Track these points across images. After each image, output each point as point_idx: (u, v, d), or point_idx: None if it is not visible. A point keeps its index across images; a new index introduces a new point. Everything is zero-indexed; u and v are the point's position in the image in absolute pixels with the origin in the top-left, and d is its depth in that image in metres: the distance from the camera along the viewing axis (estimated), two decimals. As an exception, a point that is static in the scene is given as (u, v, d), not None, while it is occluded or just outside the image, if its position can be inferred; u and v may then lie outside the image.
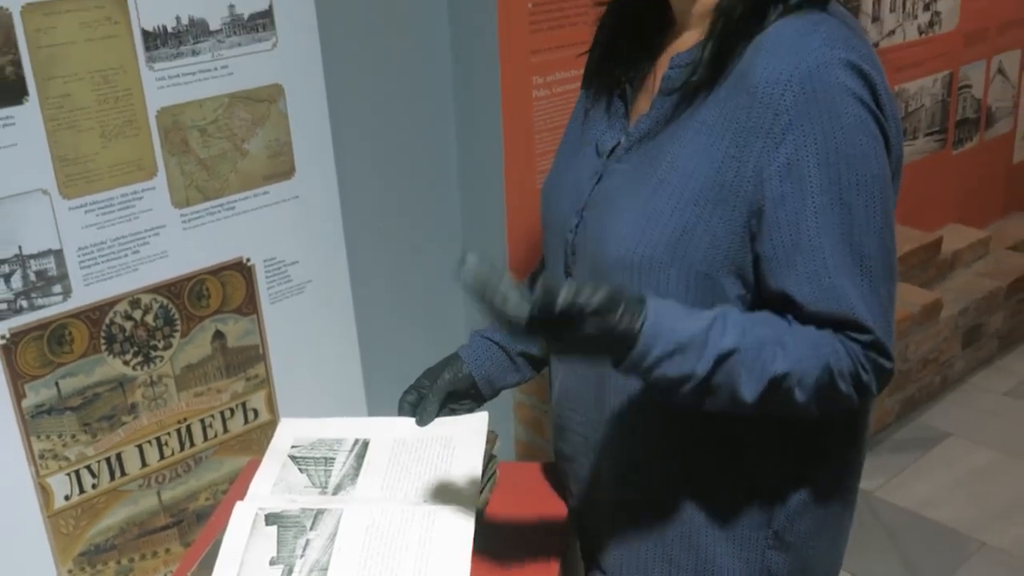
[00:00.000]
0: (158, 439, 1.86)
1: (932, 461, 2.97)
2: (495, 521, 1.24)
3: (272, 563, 1.16)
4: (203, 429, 1.92)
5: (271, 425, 1.99)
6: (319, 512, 1.22)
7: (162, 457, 1.87)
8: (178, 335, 1.84)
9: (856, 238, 0.98)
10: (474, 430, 1.31)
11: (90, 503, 1.79)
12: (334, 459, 1.32)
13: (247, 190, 1.87)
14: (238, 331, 1.92)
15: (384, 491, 1.25)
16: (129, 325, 1.77)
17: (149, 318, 1.80)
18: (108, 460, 1.79)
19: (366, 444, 1.33)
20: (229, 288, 1.89)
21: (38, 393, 1.68)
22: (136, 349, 1.79)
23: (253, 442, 1.99)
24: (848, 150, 0.97)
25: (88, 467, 1.77)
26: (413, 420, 1.32)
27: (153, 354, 1.81)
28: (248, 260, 1.91)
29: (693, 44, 1.07)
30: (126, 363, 1.78)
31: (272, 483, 1.29)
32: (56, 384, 1.70)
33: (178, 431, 1.88)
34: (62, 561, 1.78)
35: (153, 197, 1.75)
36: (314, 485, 1.28)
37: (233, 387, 1.94)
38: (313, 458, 1.32)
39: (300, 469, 1.31)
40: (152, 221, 1.76)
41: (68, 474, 1.75)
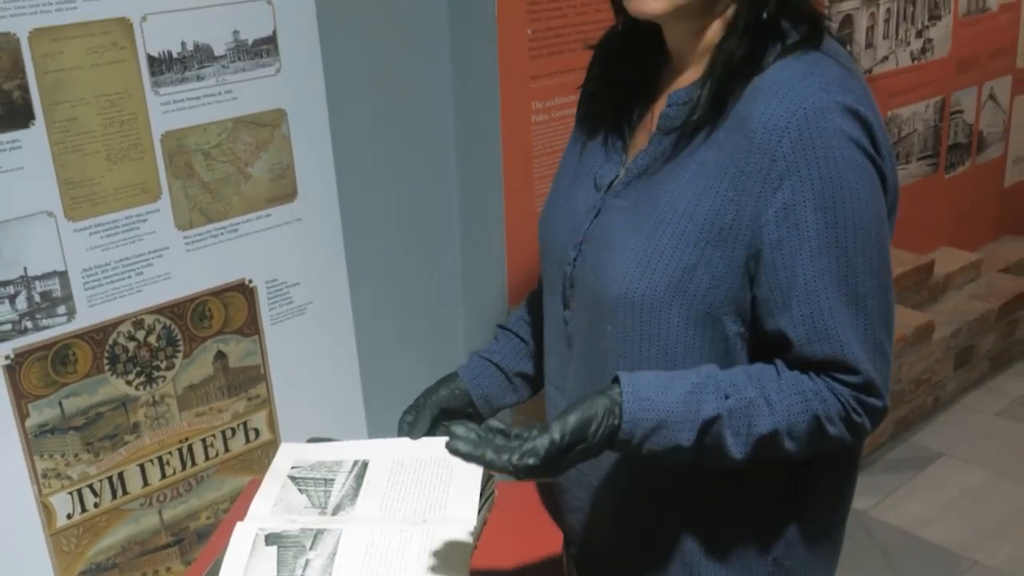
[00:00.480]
0: (160, 458, 1.87)
1: (925, 481, 2.98)
2: (493, 541, 1.25)
3: (273, 582, 1.18)
4: (204, 448, 1.93)
5: (272, 445, 2.01)
6: (319, 532, 1.23)
7: (163, 476, 1.88)
8: (180, 355, 1.86)
9: (852, 279, 0.99)
10: (472, 451, 1.32)
11: (92, 522, 1.80)
12: (333, 479, 1.33)
13: (250, 213, 1.89)
14: (240, 352, 1.94)
15: (383, 511, 1.26)
16: (132, 346, 1.79)
17: (152, 339, 1.82)
18: (110, 479, 1.81)
19: (365, 465, 1.34)
20: (231, 309, 1.91)
21: (41, 413, 1.70)
22: (139, 369, 1.81)
23: (254, 461, 2.01)
24: (844, 193, 0.98)
25: (90, 486, 1.78)
26: (410, 440, 1.34)
27: (156, 374, 1.83)
28: (250, 282, 1.93)
29: (691, 82, 1.08)
30: (129, 383, 1.80)
31: (272, 503, 1.30)
32: (59, 404, 1.72)
33: (179, 450, 1.90)
34: (63, 579, 1.79)
35: (157, 219, 1.77)
36: (314, 505, 1.29)
37: (234, 407, 1.96)
38: (313, 479, 1.34)
39: (300, 489, 1.32)
40: (156, 243, 1.78)
41: (70, 493, 1.76)
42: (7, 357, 1.65)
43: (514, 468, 0.96)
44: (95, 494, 1.79)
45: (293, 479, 1.34)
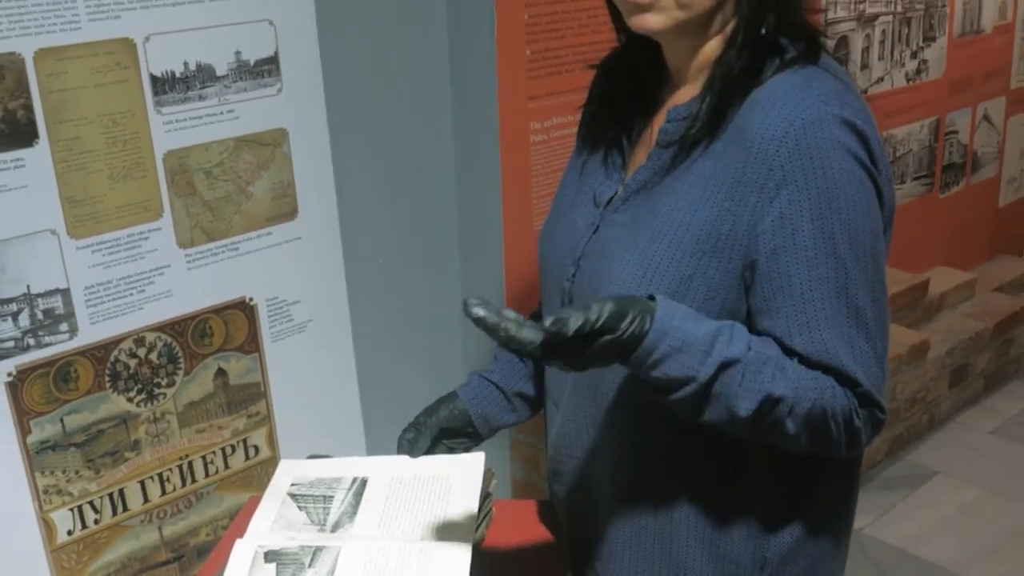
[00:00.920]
0: (160, 475, 1.88)
1: (920, 499, 2.99)
2: (491, 558, 1.26)
3: (273, 599, 1.18)
4: (204, 465, 1.94)
5: (272, 461, 2.02)
6: (317, 549, 1.23)
7: (164, 493, 1.89)
8: (181, 373, 1.87)
9: (849, 291, 1.00)
10: (471, 468, 1.32)
11: (92, 538, 1.81)
12: (332, 497, 1.33)
13: (251, 231, 1.91)
14: (240, 369, 1.95)
15: (382, 528, 1.26)
16: (133, 363, 1.80)
17: (153, 356, 1.83)
18: (111, 495, 1.82)
19: (364, 482, 1.35)
20: (232, 327, 1.93)
21: (43, 429, 1.71)
22: (140, 386, 1.82)
23: (254, 478, 2.02)
24: (841, 204, 0.98)
25: (91, 502, 1.79)
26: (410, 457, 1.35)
27: (156, 391, 1.85)
28: (251, 300, 1.95)
29: (690, 98, 1.09)
30: (130, 400, 1.81)
31: (271, 520, 1.30)
32: (61, 420, 1.73)
33: (180, 467, 1.91)
34: (62, 595, 1.80)
35: (159, 237, 1.79)
36: (313, 522, 1.29)
37: (234, 424, 1.97)
38: (312, 496, 1.34)
39: (299, 506, 1.33)
40: (157, 261, 1.80)
41: (71, 509, 1.77)
42: (9, 374, 1.66)
43: (543, 333, 0.89)
44: (95, 510, 1.80)
45: (292, 496, 1.34)
